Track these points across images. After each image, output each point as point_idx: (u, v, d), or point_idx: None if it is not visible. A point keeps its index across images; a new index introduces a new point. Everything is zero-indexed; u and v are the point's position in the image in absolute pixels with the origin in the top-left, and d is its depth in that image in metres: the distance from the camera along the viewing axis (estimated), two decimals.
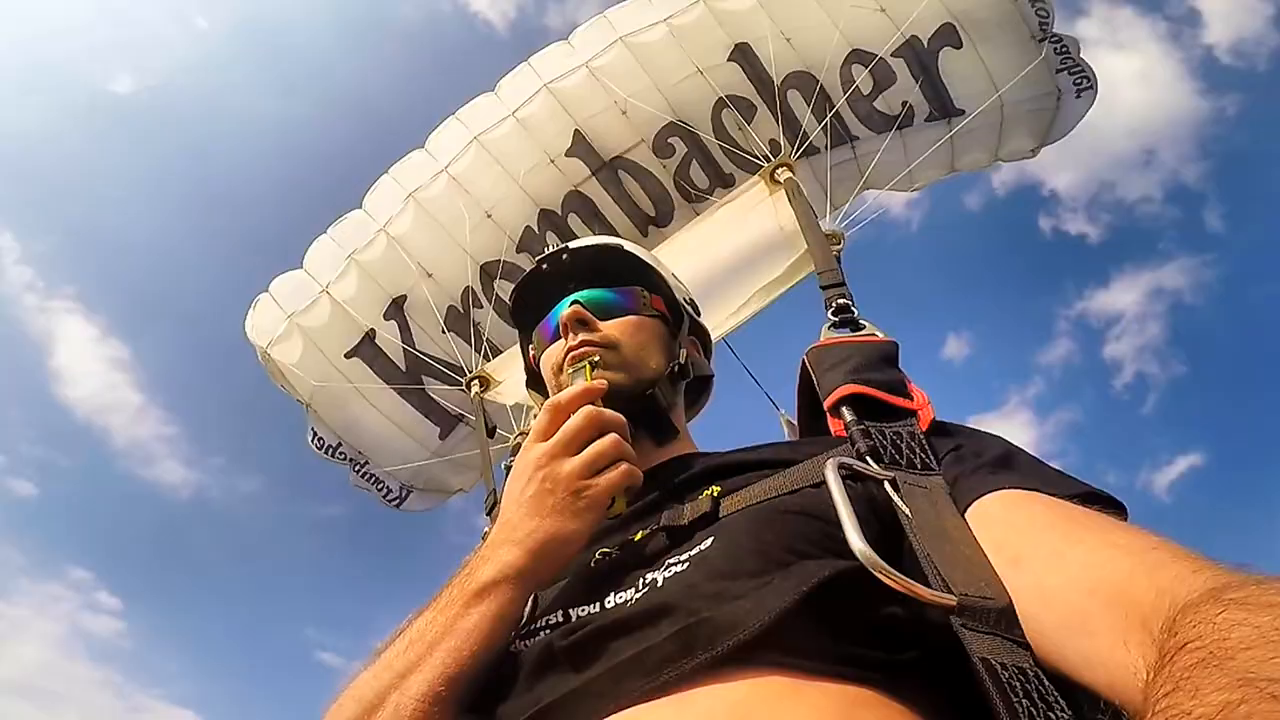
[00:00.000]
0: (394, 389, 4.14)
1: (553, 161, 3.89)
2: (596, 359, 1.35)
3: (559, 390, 1.31)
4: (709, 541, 0.98)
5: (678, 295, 1.59)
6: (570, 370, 1.37)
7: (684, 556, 0.98)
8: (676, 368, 1.49)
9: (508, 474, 2.50)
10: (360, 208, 4.03)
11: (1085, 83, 3.36)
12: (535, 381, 1.69)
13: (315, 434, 4.15)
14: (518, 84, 3.83)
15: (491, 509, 3.14)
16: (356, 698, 1.02)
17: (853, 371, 1.23)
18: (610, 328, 1.43)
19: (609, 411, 1.17)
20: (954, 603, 0.78)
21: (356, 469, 4.21)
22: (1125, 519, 0.89)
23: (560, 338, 1.43)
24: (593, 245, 1.58)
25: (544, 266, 1.56)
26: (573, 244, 1.58)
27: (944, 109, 3.55)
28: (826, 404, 1.20)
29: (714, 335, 3.15)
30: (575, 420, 1.13)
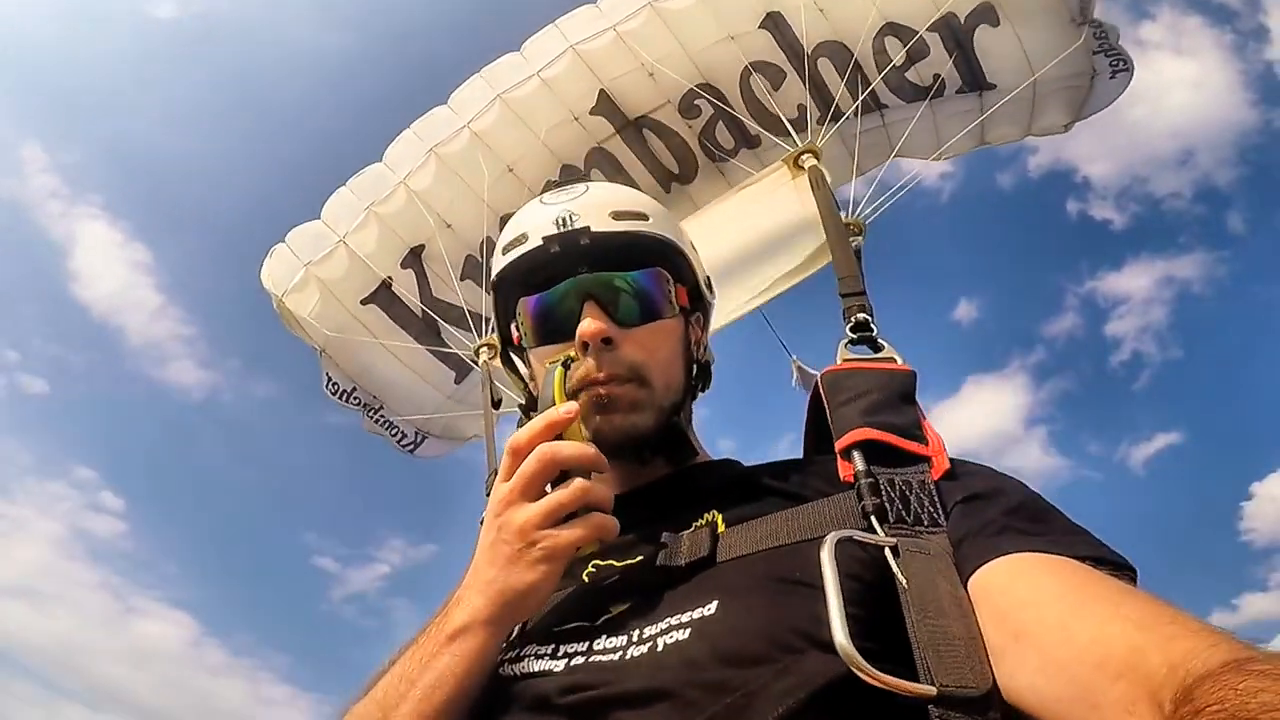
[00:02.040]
0: (410, 334, 4.15)
1: (576, 119, 3.85)
2: (605, 397, 1.23)
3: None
4: (713, 607, 0.96)
5: (701, 279, 1.45)
6: (546, 366, 1.23)
7: (685, 619, 0.96)
8: (696, 379, 1.41)
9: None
10: (380, 160, 4.00)
11: (1121, 65, 3.29)
12: (509, 355, 1.53)
13: (329, 379, 4.15)
14: (543, 45, 3.77)
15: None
16: None
17: (869, 412, 1.19)
18: (634, 344, 1.27)
19: (570, 448, 1.07)
20: (933, 693, 0.81)
21: (370, 414, 4.23)
22: (1135, 581, 0.91)
23: (556, 339, 1.30)
24: (617, 218, 1.32)
25: (554, 249, 1.30)
26: (589, 216, 1.30)
27: (976, 82, 3.51)
28: (838, 446, 1.16)
29: (729, 318, 3.20)
30: (530, 463, 1.06)
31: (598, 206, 1.33)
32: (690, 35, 3.64)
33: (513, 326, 1.41)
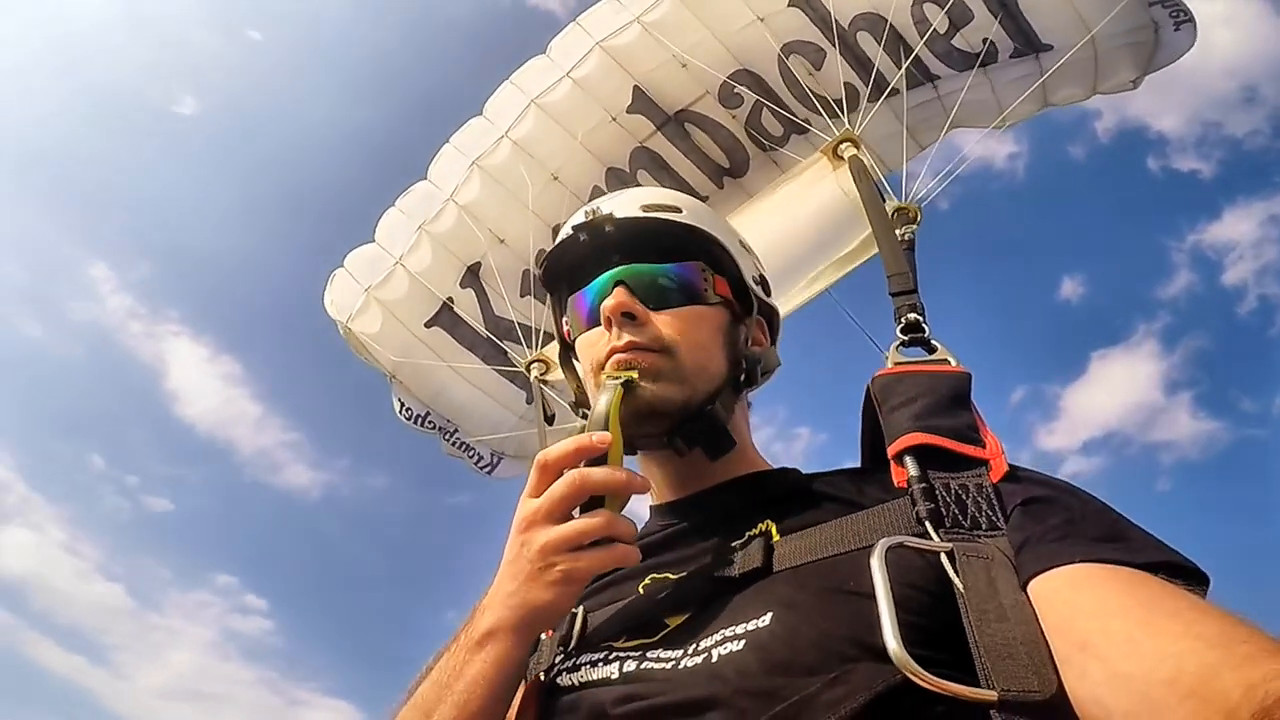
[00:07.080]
0: (477, 355, 4.17)
1: (614, 119, 3.76)
2: (637, 371, 1.19)
3: (597, 388, 1.24)
4: (767, 618, 0.95)
5: (746, 275, 1.37)
6: (604, 378, 1.21)
7: (740, 630, 0.96)
8: (743, 371, 1.33)
9: None
10: (425, 178, 3.98)
11: (1183, 16, 3.02)
12: (568, 355, 1.50)
13: (402, 404, 4.20)
14: (569, 45, 3.68)
15: None
16: None
17: (920, 416, 1.14)
18: (664, 323, 1.24)
19: (600, 474, 1.05)
20: (994, 698, 0.79)
21: (447, 437, 4.27)
22: (1206, 590, 0.87)
23: (598, 324, 1.27)
24: (646, 210, 1.32)
25: (582, 238, 1.33)
26: (618, 207, 1.32)
27: (1030, 44, 3.26)
28: (890, 452, 1.12)
29: (783, 311, 3.11)
30: (559, 487, 1.04)
31: (630, 200, 1.35)
32: (717, 20, 3.50)
33: (565, 323, 1.43)
